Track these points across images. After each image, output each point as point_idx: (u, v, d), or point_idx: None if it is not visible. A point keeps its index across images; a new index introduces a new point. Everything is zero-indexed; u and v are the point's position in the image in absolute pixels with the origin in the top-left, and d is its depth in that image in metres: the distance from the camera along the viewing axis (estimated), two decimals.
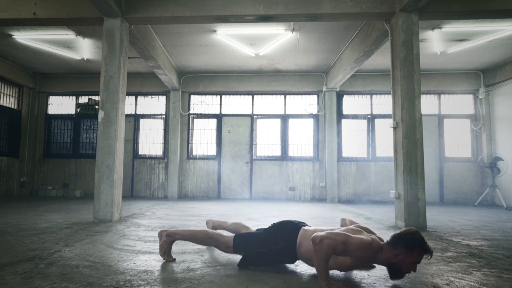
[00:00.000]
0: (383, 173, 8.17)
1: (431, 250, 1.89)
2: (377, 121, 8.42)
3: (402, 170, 4.28)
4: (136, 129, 8.76)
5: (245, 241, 2.35)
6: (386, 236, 3.62)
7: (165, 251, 2.51)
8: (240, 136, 8.56)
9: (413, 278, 2.13)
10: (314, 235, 1.92)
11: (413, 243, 1.90)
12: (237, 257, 2.60)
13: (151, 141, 8.78)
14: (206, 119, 8.77)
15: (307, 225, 2.37)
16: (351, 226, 2.17)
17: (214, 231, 2.52)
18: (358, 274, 2.21)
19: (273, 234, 2.29)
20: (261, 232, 2.37)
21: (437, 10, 4.47)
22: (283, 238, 2.23)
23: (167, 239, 2.52)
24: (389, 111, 8.17)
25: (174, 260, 2.51)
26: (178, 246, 2.97)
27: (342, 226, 2.47)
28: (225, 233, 2.91)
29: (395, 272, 1.98)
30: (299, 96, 8.66)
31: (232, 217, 5.00)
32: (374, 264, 2.39)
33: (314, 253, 1.88)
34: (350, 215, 5.50)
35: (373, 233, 2.14)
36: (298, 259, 2.25)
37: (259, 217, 5.04)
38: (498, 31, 5.77)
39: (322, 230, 2.14)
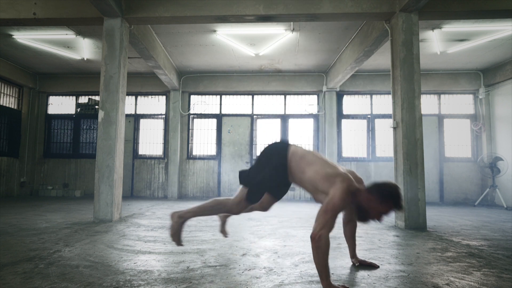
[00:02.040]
0: (383, 173, 8.17)
1: (402, 206, 1.97)
2: (377, 121, 8.42)
3: (402, 170, 4.28)
4: (136, 129, 8.76)
5: (249, 173, 2.32)
6: (386, 236, 3.62)
7: (176, 232, 2.35)
8: (240, 136, 8.56)
9: (413, 278, 2.13)
10: (311, 233, 1.89)
11: (389, 194, 1.96)
12: (237, 257, 2.60)
13: (151, 141, 8.78)
14: (206, 119, 8.77)
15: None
16: (326, 171, 2.12)
17: (218, 198, 2.43)
18: (358, 274, 2.21)
19: (266, 154, 2.30)
20: (256, 161, 2.37)
21: (437, 10, 4.47)
22: (275, 155, 2.25)
23: (179, 220, 2.36)
24: (389, 111, 8.17)
25: (182, 245, 2.42)
26: (178, 246, 2.97)
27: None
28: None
29: (362, 215, 2.05)
30: (299, 96, 8.66)
31: (232, 217, 4.99)
32: (375, 264, 2.40)
33: (315, 251, 1.87)
34: None
35: (353, 173, 2.21)
36: (289, 179, 2.26)
37: (258, 217, 5.04)
38: (498, 31, 5.77)
39: (309, 151, 2.21)
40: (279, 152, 2.26)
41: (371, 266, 2.38)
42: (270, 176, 2.23)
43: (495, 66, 7.61)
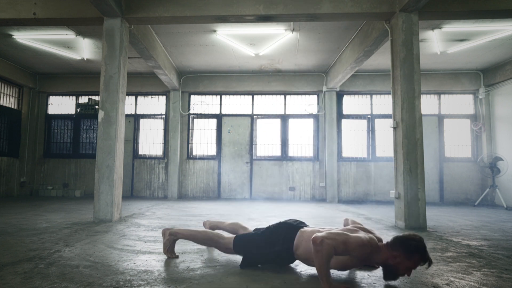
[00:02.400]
0: (383, 173, 8.17)
1: (430, 260, 1.88)
2: (377, 121, 8.42)
3: (402, 170, 4.28)
4: (136, 129, 8.76)
5: (244, 243, 2.36)
6: (386, 236, 3.62)
7: (168, 249, 2.59)
8: (240, 136, 8.56)
9: (413, 278, 2.13)
10: (314, 236, 1.91)
11: (414, 249, 1.89)
12: (237, 257, 2.60)
13: (151, 141, 8.78)
14: (206, 119, 8.77)
15: (305, 225, 2.36)
16: (350, 226, 2.17)
17: (214, 232, 2.53)
18: (358, 274, 2.21)
19: (270, 236, 2.30)
20: (259, 234, 2.37)
21: (437, 10, 4.47)
22: (280, 241, 2.24)
23: (170, 238, 2.60)
24: (389, 111, 8.17)
25: (177, 257, 2.59)
26: (178, 246, 2.97)
27: (344, 226, 2.47)
28: (225, 234, 2.91)
29: (389, 273, 1.99)
30: (299, 96, 8.66)
31: (232, 217, 5.00)
32: (374, 265, 2.39)
33: (315, 254, 1.87)
34: (350, 215, 5.50)
35: (372, 232, 2.14)
36: (297, 259, 2.26)
37: (259, 217, 5.04)
38: (498, 31, 5.77)
39: (320, 231, 2.14)
40: (287, 238, 2.25)
41: (373, 267, 2.38)
42: (270, 256, 2.27)
43: (495, 66, 7.61)
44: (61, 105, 8.98)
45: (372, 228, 2.44)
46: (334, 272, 2.24)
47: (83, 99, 8.94)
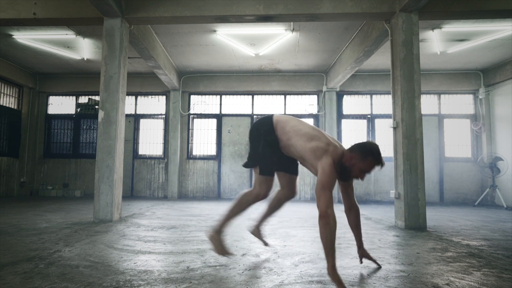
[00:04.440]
0: (383, 173, 8.17)
1: (382, 162, 2.07)
2: (377, 121, 8.42)
3: (402, 170, 4.28)
4: (136, 129, 8.76)
5: (248, 157, 2.52)
6: (386, 236, 3.62)
7: (220, 249, 2.46)
8: (240, 136, 8.56)
9: (413, 278, 2.13)
10: (320, 211, 1.95)
11: (369, 151, 2.06)
12: (237, 257, 2.60)
13: (151, 141, 8.78)
14: (206, 119, 8.77)
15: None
16: (311, 145, 2.20)
17: (240, 196, 2.55)
18: (358, 274, 2.21)
19: (253, 132, 2.48)
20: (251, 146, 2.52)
21: (437, 10, 4.47)
22: (262, 131, 2.41)
23: (215, 236, 2.49)
24: (389, 111, 8.16)
25: (232, 254, 2.53)
26: (178, 246, 2.97)
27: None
28: (248, 191, 2.68)
29: (344, 173, 2.17)
30: (299, 96, 8.66)
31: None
32: (377, 263, 2.39)
33: (324, 229, 1.91)
34: None
35: (334, 140, 2.27)
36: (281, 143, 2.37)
37: (258, 217, 5.04)
38: (498, 31, 5.77)
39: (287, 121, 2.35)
40: (264, 123, 2.42)
41: (375, 263, 2.37)
42: (265, 147, 2.38)
43: (495, 66, 7.61)
44: (61, 105, 8.98)
45: (371, 229, 2.44)
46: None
47: (83, 99, 8.94)
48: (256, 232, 2.88)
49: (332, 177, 2.04)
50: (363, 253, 2.39)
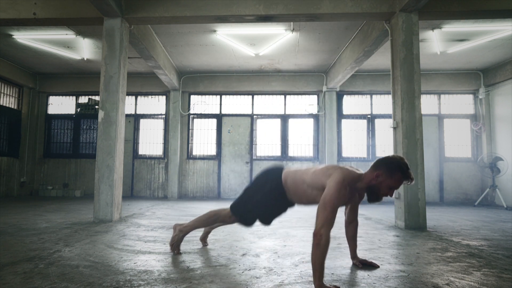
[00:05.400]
0: None
1: (412, 177, 1.95)
2: (377, 121, 8.42)
3: None
4: (136, 129, 8.76)
5: (240, 200, 2.46)
6: (386, 236, 3.62)
7: (175, 243, 2.67)
8: (240, 136, 8.56)
9: (413, 278, 2.13)
10: (314, 230, 1.88)
11: (396, 166, 1.96)
12: (237, 257, 2.60)
13: (151, 141, 8.78)
14: (206, 119, 8.77)
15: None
16: (323, 167, 2.17)
17: (213, 209, 2.66)
18: (358, 274, 2.21)
19: (258, 180, 2.42)
20: (249, 185, 2.50)
21: (437, 10, 4.47)
22: (269, 179, 2.34)
23: (179, 234, 2.68)
24: (389, 111, 8.17)
25: (180, 253, 2.67)
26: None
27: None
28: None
29: (372, 194, 2.04)
30: (299, 96, 8.66)
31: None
32: (376, 264, 2.39)
33: (315, 248, 1.86)
34: None
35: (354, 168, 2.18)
36: (289, 199, 2.32)
37: None
38: (498, 31, 5.77)
39: (302, 172, 2.24)
40: (273, 173, 2.35)
41: (372, 266, 2.38)
42: (264, 200, 2.32)
43: (495, 66, 7.61)
44: (61, 105, 8.98)
45: (371, 229, 2.44)
46: (334, 272, 2.24)
47: (83, 99, 8.94)
48: (204, 239, 3.05)
49: (338, 195, 1.90)
50: (359, 260, 2.43)
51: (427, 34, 5.95)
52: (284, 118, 8.59)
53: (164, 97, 8.82)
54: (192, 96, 8.81)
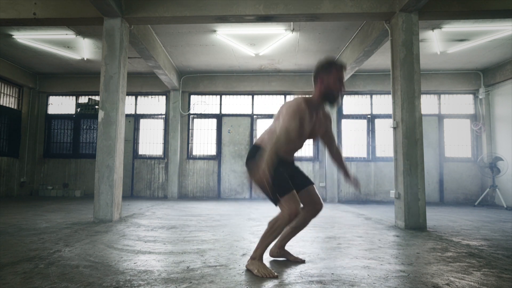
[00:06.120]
0: (383, 173, 8.17)
1: (343, 63, 2.21)
2: (377, 121, 8.42)
3: (402, 170, 4.28)
4: (136, 129, 8.76)
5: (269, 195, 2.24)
6: (386, 236, 3.62)
7: (265, 272, 2.12)
8: (240, 136, 8.56)
9: (413, 278, 2.13)
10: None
11: (326, 64, 2.20)
12: (236, 257, 2.60)
13: (151, 141, 8.78)
14: (206, 119, 8.77)
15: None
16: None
17: (271, 223, 2.23)
18: (358, 274, 2.21)
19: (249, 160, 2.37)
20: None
21: (437, 10, 4.47)
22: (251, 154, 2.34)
23: (257, 262, 2.21)
24: (389, 111, 8.16)
25: (276, 276, 2.11)
26: (178, 246, 2.97)
27: None
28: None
29: (329, 97, 2.24)
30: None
31: (232, 217, 5.01)
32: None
33: (270, 148, 1.99)
34: (350, 215, 5.50)
35: None
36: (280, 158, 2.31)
37: (259, 217, 5.04)
38: (498, 31, 5.77)
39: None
40: (252, 154, 2.29)
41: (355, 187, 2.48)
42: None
43: (495, 66, 7.61)
44: (61, 105, 8.98)
45: (371, 229, 2.44)
46: (334, 272, 2.23)
47: (83, 99, 8.94)
48: (279, 253, 2.53)
49: (290, 115, 2.08)
50: (352, 181, 2.47)
51: (427, 34, 5.95)
52: None
53: (164, 97, 8.82)
54: (192, 96, 8.81)
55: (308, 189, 2.41)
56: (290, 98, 8.57)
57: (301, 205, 2.31)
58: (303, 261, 2.47)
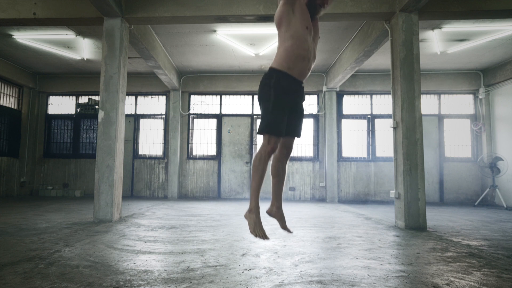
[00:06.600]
0: (383, 173, 8.17)
1: None
2: (377, 121, 8.42)
3: (402, 170, 4.28)
4: (136, 129, 8.76)
5: (262, 121, 2.35)
6: (386, 236, 3.62)
7: (257, 229, 2.11)
8: (240, 136, 8.56)
9: (413, 278, 2.13)
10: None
11: None
12: (236, 257, 2.60)
13: (151, 141, 8.78)
14: (206, 119, 8.77)
15: None
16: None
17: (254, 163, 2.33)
18: (358, 274, 2.21)
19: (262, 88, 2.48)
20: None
21: (437, 10, 4.47)
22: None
23: (251, 215, 2.18)
24: (389, 111, 8.17)
25: (268, 238, 2.11)
26: (178, 246, 2.97)
27: None
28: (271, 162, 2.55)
29: (312, 7, 2.32)
30: None
31: (232, 217, 5.01)
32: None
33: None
34: (350, 215, 5.50)
35: None
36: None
37: None
38: (498, 31, 5.77)
39: None
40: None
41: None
42: (275, 104, 2.37)
43: (495, 66, 7.61)
44: (61, 105, 8.98)
45: (371, 229, 2.43)
46: (334, 272, 2.23)
47: (83, 99, 8.94)
48: (276, 213, 2.48)
49: None
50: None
51: (427, 34, 5.95)
52: None
53: (164, 97, 8.82)
54: (192, 96, 8.81)
55: (291, 138, 2.49)
56: None
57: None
58: (290, 232, 2.46)
